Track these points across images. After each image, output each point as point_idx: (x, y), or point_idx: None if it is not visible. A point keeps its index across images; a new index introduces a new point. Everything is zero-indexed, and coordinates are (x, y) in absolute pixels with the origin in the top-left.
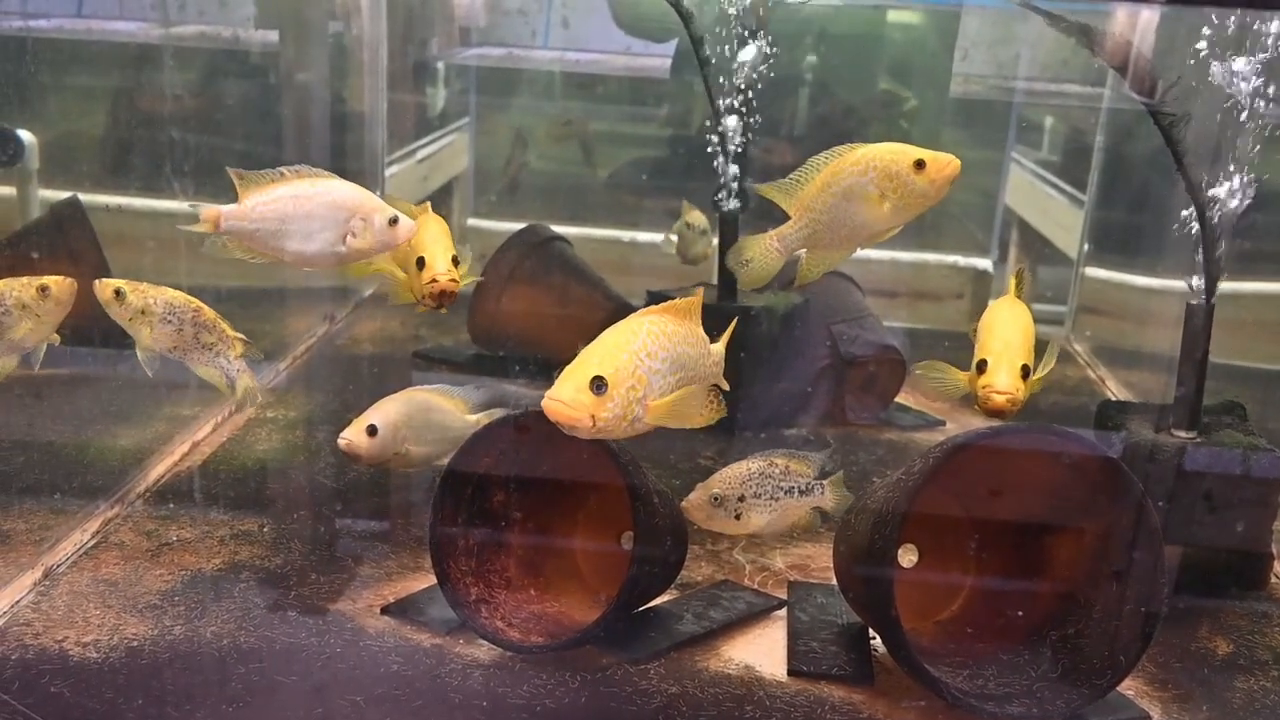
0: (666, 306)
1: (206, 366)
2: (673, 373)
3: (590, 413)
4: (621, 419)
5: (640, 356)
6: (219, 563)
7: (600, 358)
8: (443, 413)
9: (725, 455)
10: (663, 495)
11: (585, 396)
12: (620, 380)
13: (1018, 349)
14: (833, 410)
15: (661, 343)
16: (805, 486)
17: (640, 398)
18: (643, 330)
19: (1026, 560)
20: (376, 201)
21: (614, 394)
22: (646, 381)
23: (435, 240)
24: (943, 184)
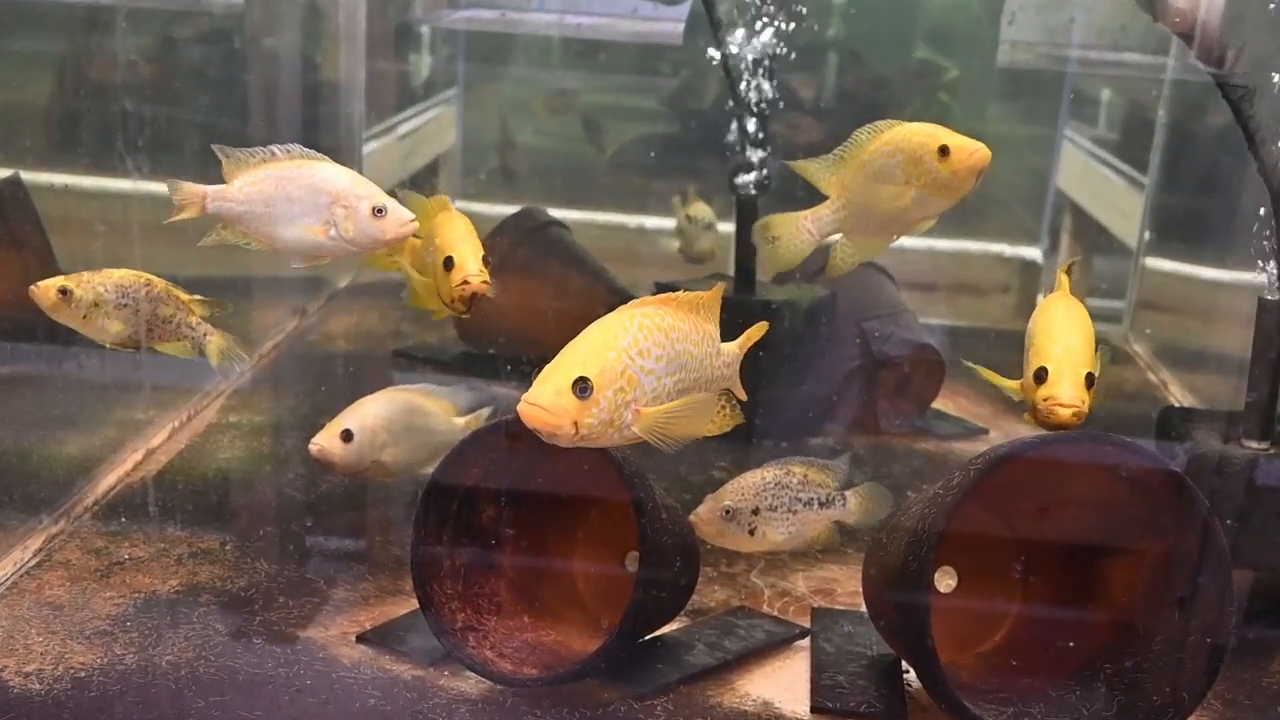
0: (667, 298)
1: (172, 342)
2: (670, 374)
3: (572, 418)
4: (608, 425)
5: (630, 355)
6: (176, 584)
7: (584, 356)
8: (426, 416)
9: (741, 466)
10: (671, 511)
11: (566, 400)
12: (606, 381)
13: (1080, 355)
14: (863, 417)
15: (656, 339)
16: (826, 498)
17: (629, 402)
18: (634, 324)
19: (1078, 585)
20: (366, 188)
21: (599, 397)
22: (637, 383)
23: (463, 238)
24: (965, 175)
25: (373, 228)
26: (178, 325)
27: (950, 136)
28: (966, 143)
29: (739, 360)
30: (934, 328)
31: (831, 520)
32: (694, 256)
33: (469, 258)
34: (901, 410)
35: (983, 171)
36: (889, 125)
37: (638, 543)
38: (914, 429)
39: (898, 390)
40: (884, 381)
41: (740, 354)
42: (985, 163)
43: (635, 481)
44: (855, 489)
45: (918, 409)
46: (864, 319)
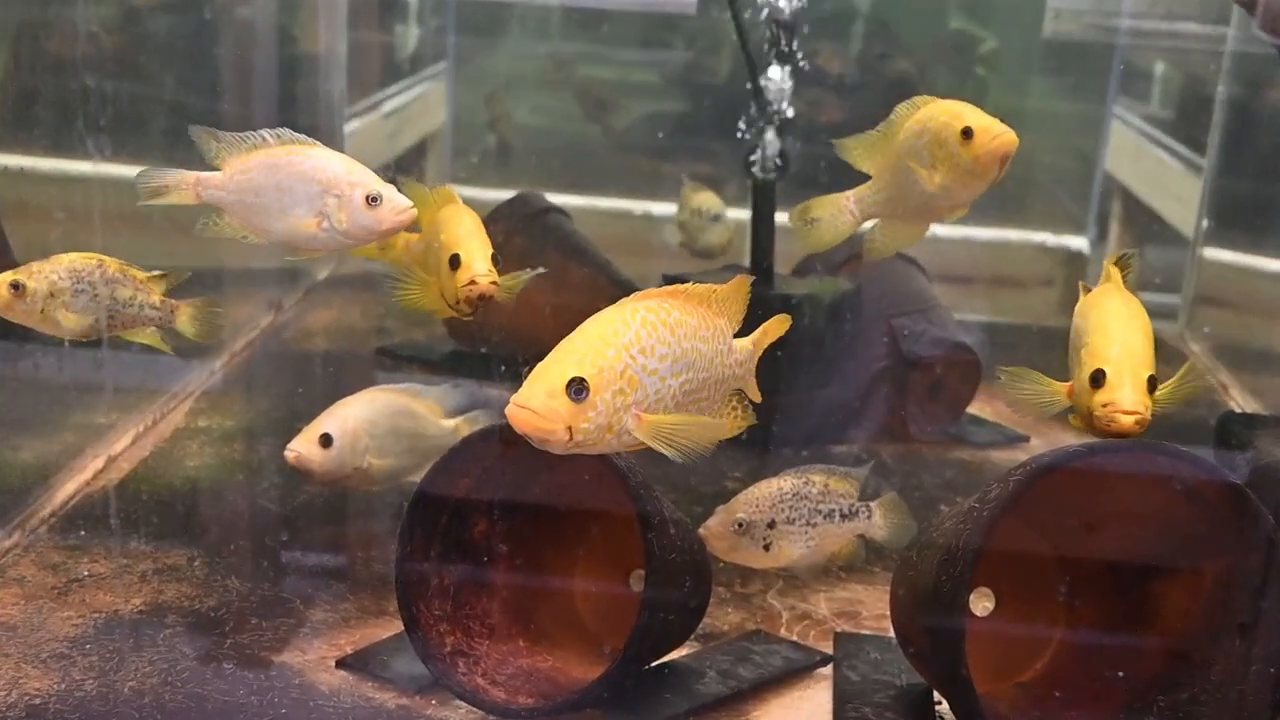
0: (674, 290)
1: (137, 329)
2: (676, 374)
3: (565, 423)
4: (605, 431)
5: (632, 353)
6: (140, 603)
7: (580, 354)
8: (413, 419)
9: (757, 476)
10: (681, 525)
11: (559, 403)
12: (604, 382)
13: (1140, 356)
14: (892, 423)
15: (661, 335)
16: (848, 509)
17: (629, 405)
18: (636, 320)
19: (1129, 609)
20: (359, 175)
21: (596, 400)
22: (638, 384)
23: (471, 234)
24: (988, 160)
25: (367, 218)
26: (140, 308)
27: (976, 117)
28: (990, 125)
29: (754, 359)
30: (970, 325)
31: (855, 534)
32: (700, 251)
33: (477, 255)
34: (934, 416)
35: (1007, 158)
36: (924, 103)
37: (644, 560)
38: (947, 436)
39: (930, 393)
40: (915, 384)
41: (755, 351)
42: (1009, 148)
43: (641, 493)
44: (881, 500)
45: (951, 414)
46: (893, 315)
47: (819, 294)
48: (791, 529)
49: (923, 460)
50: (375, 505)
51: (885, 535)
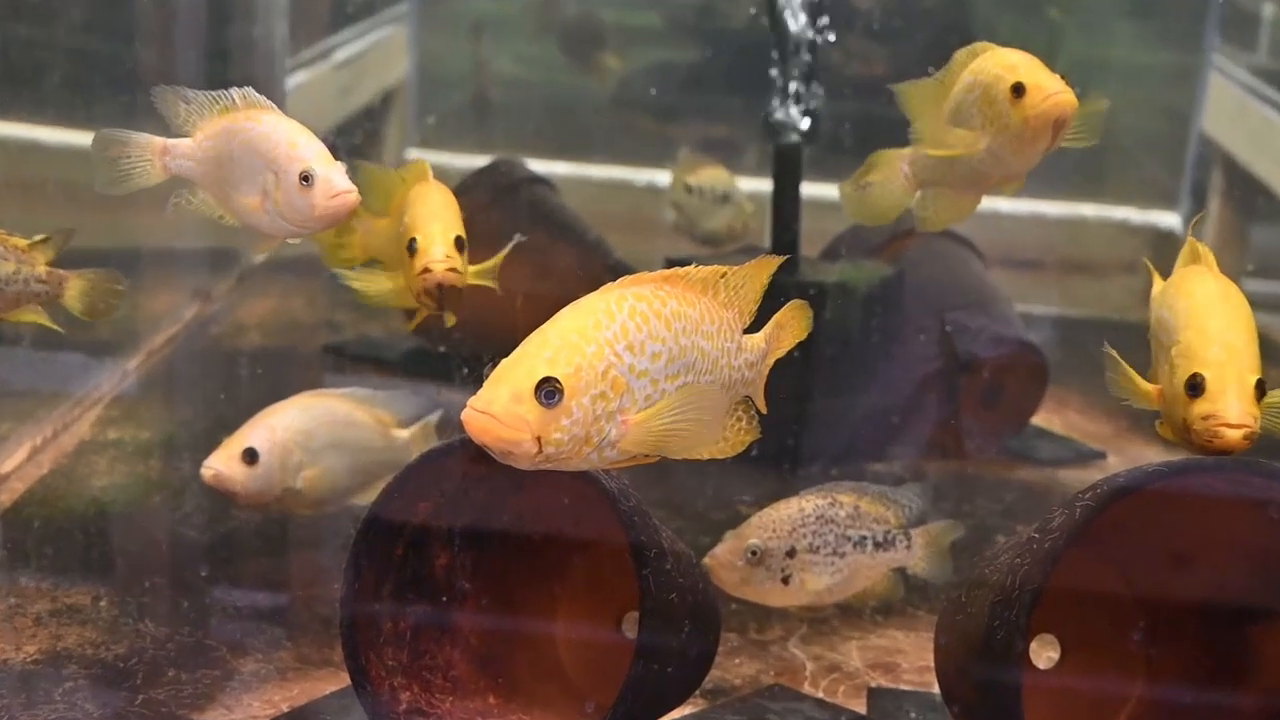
0: (672, 274)
1: (23, 309)
2: (671, 376)
3: (533, 432)
4: (582, 443)
5: (617, 349)
6: (34, 651)
7: (553, 350)
8: (356, 430)
9: (775, 500)
10: (683, 559)
11: (526, 408)
12: (582, 385)
13: (1246, 357)
14: (941, 437)
15: (654, 329)
16: (884, 537)
17: (613, 412)
18: (623, 309)
19: (1220, 659)
20: (301, 149)
21: (571, 405)
22: (624, 388)
23: (433, 215)
24: (1039, 125)
25: (300, 200)
26: (24, 282)
27: (1031, 71)
28: (1045, 82)
29: (767, 359)
30: (1036, 319)
31: (892, 567)
32: (702, 236)
33: (435, 239)
34: (992, 428)
35: (1062, 123)
36: (983, 49)
37: (638, 600)
38: (1007, 453)
39: (987, 402)
40: (969, 390)
41: (768, 349)
42: (1063, 111)
43: (635, 520)
44: (924, 528)
45: (1013, 426)
46: (944, 308)
47: (854, 282)
48: (815, 559)
49: (977, 481)
50: (318, 533)
51: (928, 569)
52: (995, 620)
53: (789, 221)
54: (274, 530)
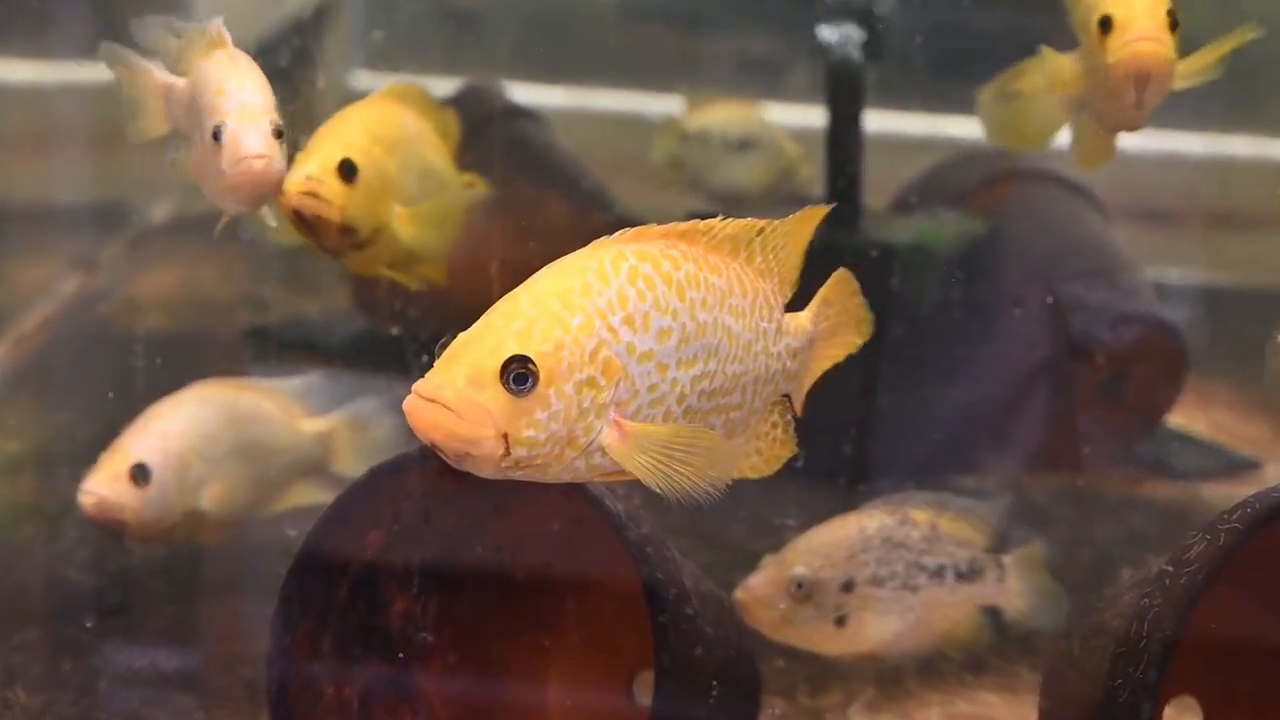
0: (690, 229)
1: None
2: (686, 362)
3: (498, 428)
4: (563, 444)
5: (611, 322)
6: None
7: (526, 321)
8: (263, 426)
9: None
10: (710, 602)
11: (489, 396)
12: (563, 366)
13: None
14: (1051, 443)
15: (661, 298)
16: (969, 565)
17: (605, 405)
18: (621, 270)
19: None
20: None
21: (549, 394)
22: (619, 372)
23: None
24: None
25: (211, 162)
26: None
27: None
28: (1136, 20)
29: (814, 344)
30: (1171, 289)
31: (980, 605)
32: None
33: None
34: (1116, 431)
35: (1145, 78)
36: None
37: (652, 656)
38: (1135, 462)
39: (1109, 397)
40: (1086, 383)
41: (816, 332)
42: (1141, 67)
43: (648, 552)
44: (1021, 552)
45: (1144, 429)
46: (1051, 276)
47: (933, 241)
48: (879, 594)
49: (1097, 499)
50: (237, 570)
51: (1027, 608)
52: (1118, 678)
53: (847, 163)
54: (179, 567)
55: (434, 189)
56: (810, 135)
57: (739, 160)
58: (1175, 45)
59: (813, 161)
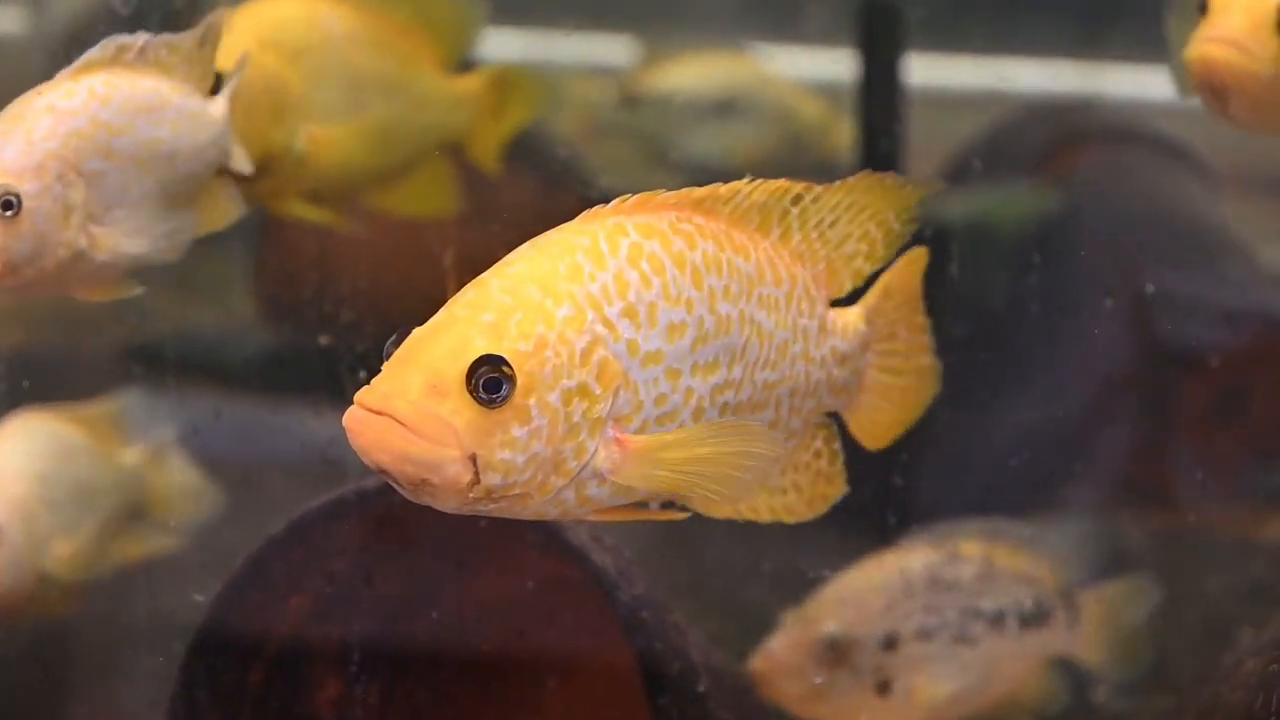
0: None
1: None
2: (704, 367)
3: (464, 448)
4: (548, 470)
5: (607, 315)
6: None
7: (498, 312)
8: (87, 460)
9: None
10: (724, 680)
11: (452, 407)
12: (546, 371)
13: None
14: (1149, 473)
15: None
16: (1034, 608)
17: (600, 420)
18: (620, 250)
19: None
20: None
21: (528, 405)
22: (619, 379)
23: None
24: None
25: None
26: None
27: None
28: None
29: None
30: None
31: (1049, 656)
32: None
33: None
34: (1227, 457)
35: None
36: None
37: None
38: (1255, 497)
39: (1220, 415)
40: (1191, 397)
41: (871, 332)
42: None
43: (645, 618)
44: (1098, 589)
45: (1262, 455)
46: (1143, 262)
47: (997, 218)
48: (929, 650)
49: (1205, 542)
50: (119, 652)
51: (1108, 658)
52: None
53: (886, 123)
54: (37, 649)
55: (379, 101)
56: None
57: (718, 128)
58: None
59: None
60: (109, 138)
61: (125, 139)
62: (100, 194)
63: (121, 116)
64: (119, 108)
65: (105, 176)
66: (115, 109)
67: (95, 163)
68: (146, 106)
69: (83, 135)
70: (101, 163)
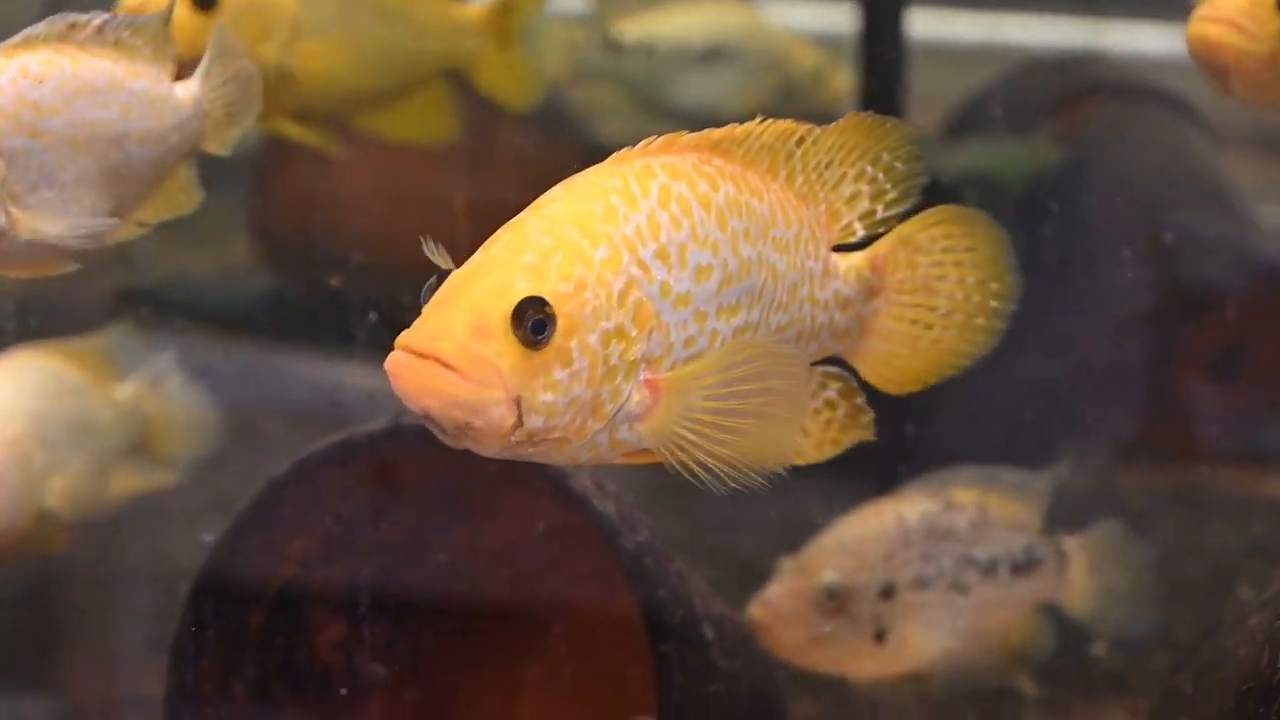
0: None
1: None
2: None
3: (509, 390)
4: (587, 413)
5: (641, 256)
6: None
7: (539, 253)
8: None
9: None
10: (726, 627)
11: (497, 348)
12: (586, 312)
13: None
14: (1151, 422)
15: (699, 226)
16: (1024, 554)
17: (635, 363)
18: (651, 192)
19: None
20: None
21: (570, 347)
22: (654, 320)
23: None
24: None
25: None
26: None
27: None
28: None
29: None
30: None
31: (1037, 603)
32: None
33: None
34: (1233, 408)
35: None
36: None
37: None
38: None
39: (1226, 365)
40: (1198, 344)
41: (876, 280)
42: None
43: (648, 565)
44: (1088, 535)
45: (1267, 406)
46: (1152, 212)
47: (1003, 171)
48: (925, 598)
49: (1209, 495)
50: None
51: (1095, 606)
52: None
53: (886, 76)
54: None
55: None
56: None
57: (706, 76)
58: None
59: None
60: (35, 117)
61: (58, 119)
62: (22, 174)
63: (56, 96)
64: (54, 87)
65: (29, 156)
66: (49, 88)
67: (17, 141)
68: (90, 87)
69: (4, 114)
70: (25, 142)
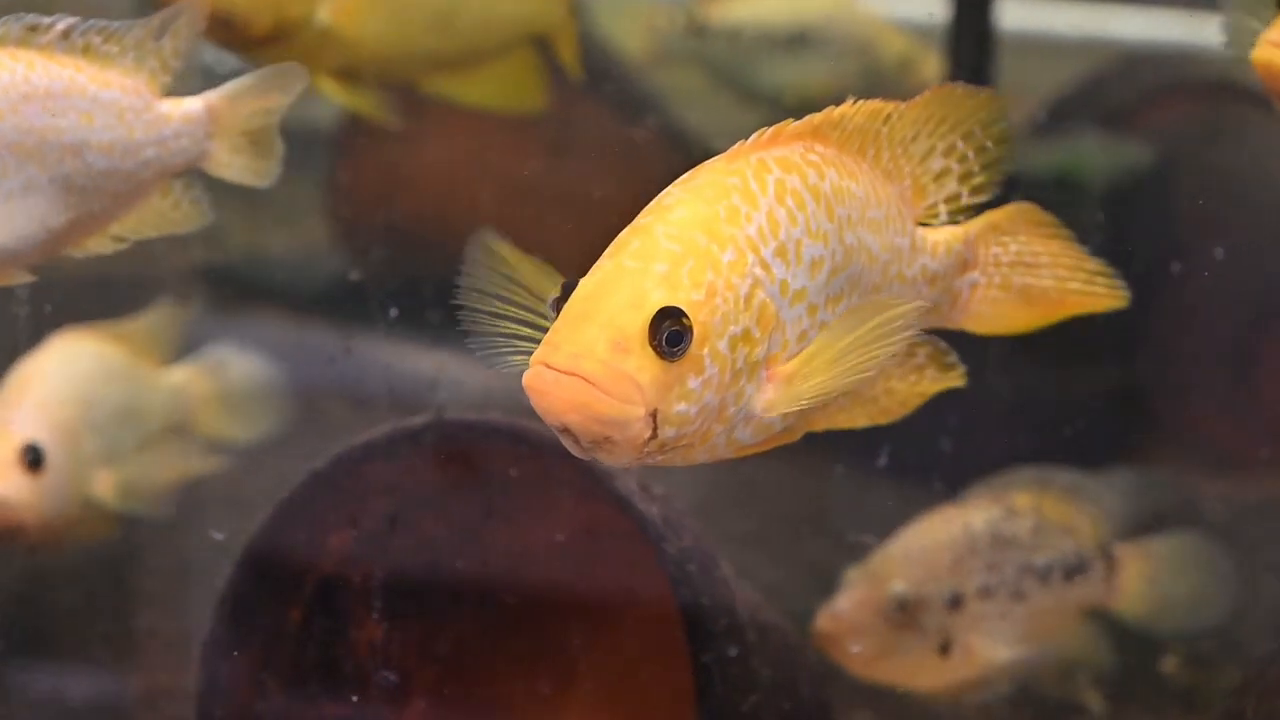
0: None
1: None
2: (834, 299)
3: (647, 403)
4: (713, 418)
5: (764, 256)
6: None
7: (670, 261)
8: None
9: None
10: (772, 635)
11: (637, 363)
12: (717, 319)
13: None
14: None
15: (813, 220)
16: (1075, 560)
17: (757, 363)
18: (769, 188)
19: None
20: None
21: (703, 356)
22: (773, 320)
23: None
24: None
25: None
26: None
27: None
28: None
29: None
30: None
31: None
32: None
33: None
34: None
35: None
36: None
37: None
38: None
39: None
40: (1275, 351)
41: (969, 255)
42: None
43: (690, 571)
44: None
45: None
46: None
47: (1083, 170)
48: (988, 609)
49: None
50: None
51: (1149, 612)
52: None
53: (973, 68)
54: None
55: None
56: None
57: (790, 60)
58: None
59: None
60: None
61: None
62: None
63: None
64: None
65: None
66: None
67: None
68: (44, 93)
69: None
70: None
